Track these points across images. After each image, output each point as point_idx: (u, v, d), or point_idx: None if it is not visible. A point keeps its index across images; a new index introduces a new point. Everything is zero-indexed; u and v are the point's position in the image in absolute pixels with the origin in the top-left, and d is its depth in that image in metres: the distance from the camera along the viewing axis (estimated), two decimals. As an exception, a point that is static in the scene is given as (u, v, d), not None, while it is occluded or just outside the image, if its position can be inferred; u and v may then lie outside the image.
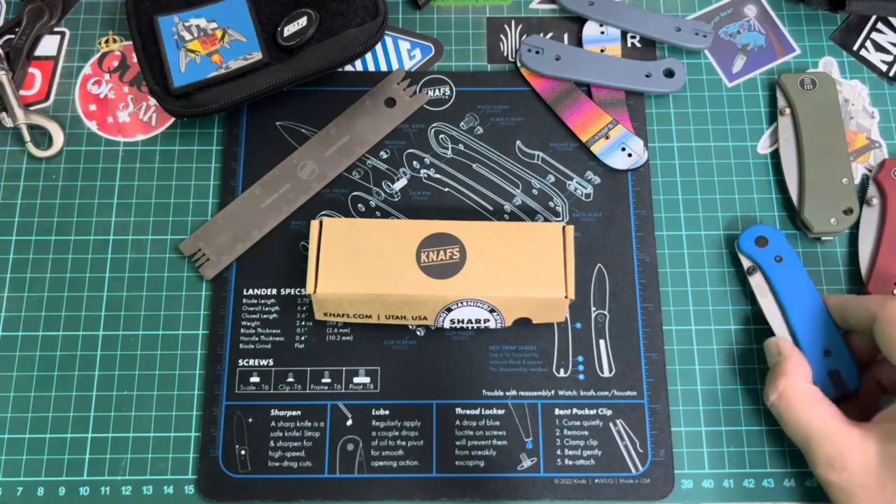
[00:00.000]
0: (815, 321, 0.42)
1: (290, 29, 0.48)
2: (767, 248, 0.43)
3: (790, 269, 0.43)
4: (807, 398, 0.40)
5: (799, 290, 0.43)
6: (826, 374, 0.42)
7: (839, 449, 0.38)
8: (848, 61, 0.53)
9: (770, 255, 0.43)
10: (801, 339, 0.42)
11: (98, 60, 0.53)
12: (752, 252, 0.44)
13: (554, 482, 0.43)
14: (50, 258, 0.48)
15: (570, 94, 0.51)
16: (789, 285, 0.43)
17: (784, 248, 0.44)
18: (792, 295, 0.43)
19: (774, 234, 0.44)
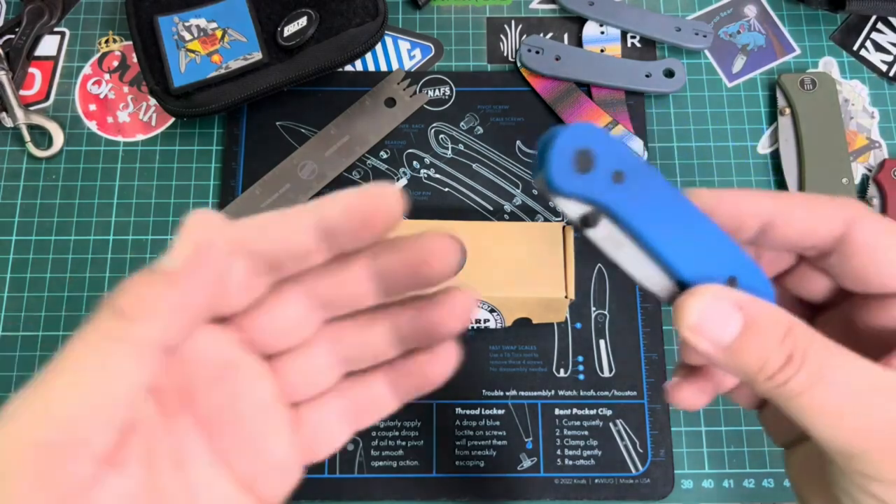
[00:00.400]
0: (705, 249, 0.24)
1: (290, 29, 0.48)
2: (597, 170, 0.22)
3: (640, 190, 0.23)
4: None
5: (666, 212, 0.24)
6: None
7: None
8: (848, 61, 0.53)
9: (604, 181, 0.23)
10: (692, 284, 0.24)
11: (98, 60, 0.53)
12: (575, 186, 0.22)
13: (554, 482, 0.43)
14: (50, 258, 0.48)
15: (570, 94, 0.51)
16: (648, 216, 0.23)
17: (621, 156, 0.23)
18: (657, 227, 0.23)
19: (600, 140, 0.22)
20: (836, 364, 0.22)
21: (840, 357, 0.22)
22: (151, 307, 0.19)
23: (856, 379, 0.22)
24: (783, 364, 0.22)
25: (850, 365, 0.22)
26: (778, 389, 0.22)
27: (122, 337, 0.19)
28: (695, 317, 0.22)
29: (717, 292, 0.22)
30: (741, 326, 0.22)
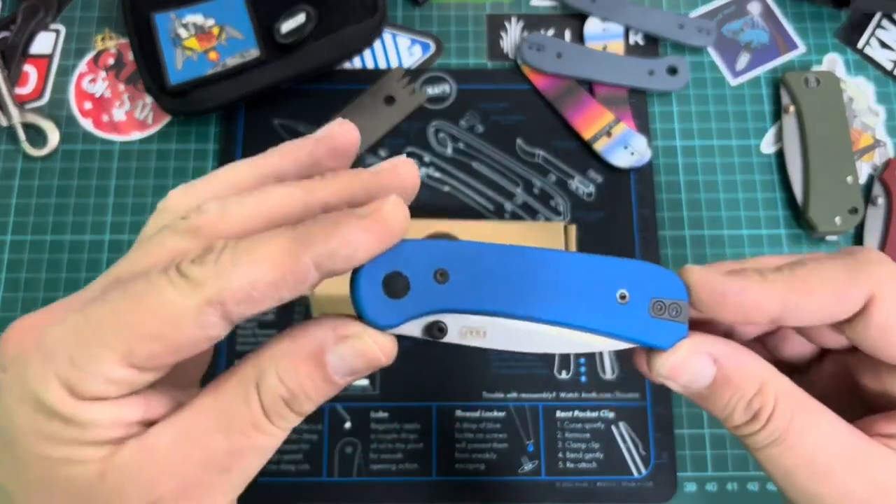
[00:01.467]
0: (568, 282, 0.22)
1: (287, 26, 0.48)
2: (413, 291, 0.21)
3: (469, 276, 0.21)
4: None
5: (508, 281, 0.22)
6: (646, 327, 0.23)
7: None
8: (852, 59, 0.52)
9: (427, 294, 0.21)
10: (577, 325, 0.22)
11: (94, 58, 0.53)
12: (401, 314, 0.21)
13: (555, 485, 0.43)
14: (45, 258, 0.48)
15: (571, 91, 0.51)
16: (492, 293, 0.21)
17: (432, 255, 0.21)
18: (510, 296, 0.22)
19: (406, 254, 0.21)
20: (802, 427, 0.22)
21: (810, 419, 0.22)
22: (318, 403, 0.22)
23: (820, 446, 0.22)
24: (747, 421, 0.22)
25: (818, 430, 0.22)
26: (740, 436, 0.23)
27: (294, 425, 0.21)
28: (667, 369, 0.23)
29: (694, 346, 0.22)
30: (712, 380, 0.23)
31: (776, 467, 0.23)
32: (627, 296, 0.22)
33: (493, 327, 0.22)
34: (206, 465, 0.20)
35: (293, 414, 0.21)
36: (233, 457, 0.20)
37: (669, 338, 0.23)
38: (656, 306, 0.22)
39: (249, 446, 0.20)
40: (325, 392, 0.21)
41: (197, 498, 0.20)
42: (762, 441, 0.22)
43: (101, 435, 0.20)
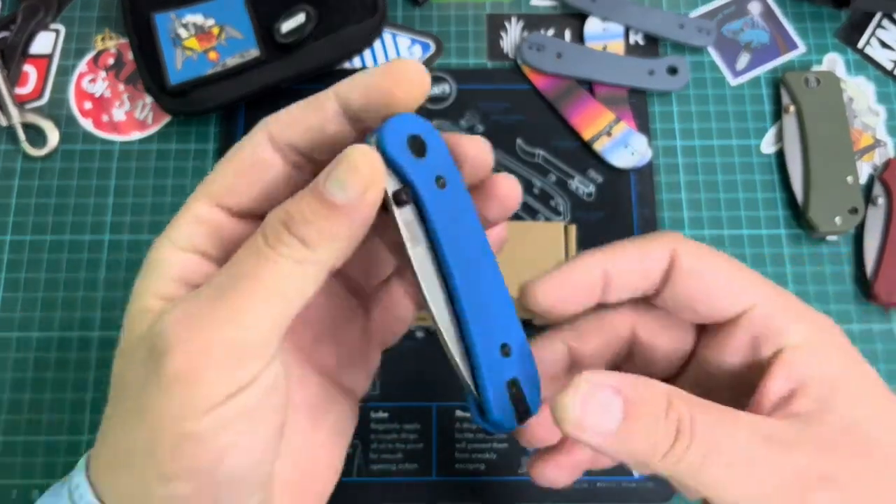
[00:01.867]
0: (489, 292, 0.24)
1: (287, 26, 0.48)
2: (426, 161, 0.23)
3: (455, 204, 0.24)
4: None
5: (467, 241, 0.24)
6: (504, 385, 0.24)
7: None
8: (853, 59, 0.52)
9: (429, 174, 0.23)
10: (470, 326, 0.24)
11: (94, 58, 0.53)
12: (404, 161, 0.23)
13: (555, 485, 0.43)
14: (45, 258, 0.48)
15: (571, 91, 0.51)
16: (454, 231, 0.24)
17: (447, 165, 0.24)
18: (458, 248, 0.24)
19: (434, 139, 0.24)
20: (724, 429, 0.21)
21: (723, 418, 0.22)
22: (330, 238, 0.22)
23: (747, 439, 0.21)
24: (673, 441, 0.21)
25: (734, 426, 0.22)
26: (675, 468, 0.21)
27: (303, 260, 0.21)
28: (577, 411, 0.21)
29: (594, 379, 0.21)
30: (622, 411, 0.21)
31: (718, 487, 0.21)
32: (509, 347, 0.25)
33: (423, 246, 0.24)
34: (207, 295, 0.21)
35: (293, 237, 0.21)
36: (232, 283, 0.21)
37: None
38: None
39: (249, 273, 0.21)
40: (325, 215, 0.21)
41: (191, 323, 0.21)
42: (696, 458, 0.21)
43: (168, 289, 0.22)
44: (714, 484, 0.21)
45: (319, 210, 0.21)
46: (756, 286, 0.24)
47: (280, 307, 0.21)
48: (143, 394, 0.21)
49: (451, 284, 0.24)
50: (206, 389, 0.20)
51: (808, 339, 0.23)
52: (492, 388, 0.23)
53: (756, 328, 0.23)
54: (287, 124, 0.24)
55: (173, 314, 0.21)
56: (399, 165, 0.23)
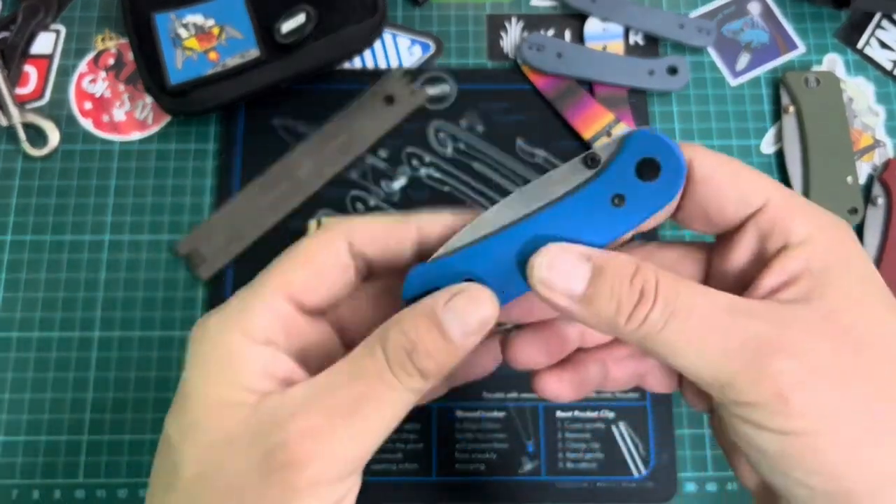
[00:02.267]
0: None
1: (287, 26, 0.48)
2: (651, 186, 0.24)
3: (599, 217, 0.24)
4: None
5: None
6: (425, 284, 0.26)
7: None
8: (852, 59, 0.52)
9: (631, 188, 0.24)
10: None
11: (94, 58, 0.53)
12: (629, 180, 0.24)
13: (555, 485, 0.43)
14: (45, 258, 0.48)
15: (571, 91, 0.51)
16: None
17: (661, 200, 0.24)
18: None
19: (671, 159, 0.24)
20: (688, 293, 0.22)
21: (691, 287, 0.22)
22: (444, 371, 0.23)
23: (710, 305, 0.22)
24: (637, 301, 0.22)
25: (703, 293, 0.22)
26: (639, 331, 0.22)
27: (419, 389, 0.23)
28: (544, 270, 0.23)
29: (563, 246, 0.23)
30: (590, 274, 0.23)
31: (681, 346, 0.22)
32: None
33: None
34: (331, 410, 0.22)
35: (415, 369, 0.23)
36: (357, 403, 0.22)
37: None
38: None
39: (373, 396, 0.23)
40: (444, 350, 0.23)
41: (320, 439, 0.22)
42: (658, 321, 0.22)
43: (255, 383, 0.23)
44: (674, 346, 0.22)
45: (440, 344, 0.23)
46: (766, 186, 0.24)
47: (389, 427, 0.23)
48: (258, 495, 0.22)
49: (507, 227, 0.25)
50: (317, 499, 0.22)
51: (813, 236, 0.23)
52: (420, 271, 0.25)
53: (763, 227, 0.24)
54: (370, 239, 0.26)
55: (298, 425, 0.22)
56: (616, 168, 0.24)
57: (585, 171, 0.24)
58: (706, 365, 0.22)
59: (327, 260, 0.25)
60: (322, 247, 0.25)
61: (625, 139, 0.23)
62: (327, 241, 0.25)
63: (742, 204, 0.24)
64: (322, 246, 0.25)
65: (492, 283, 0.24)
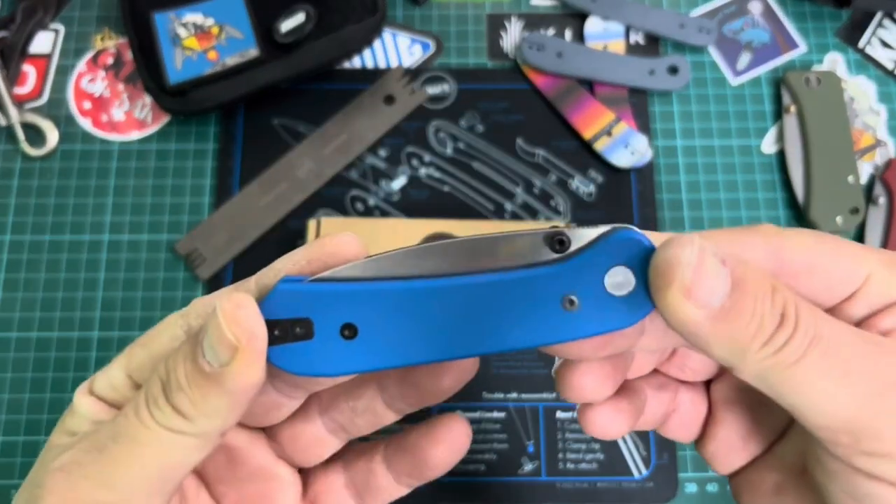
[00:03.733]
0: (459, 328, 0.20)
1: (287, 25, 0.48)
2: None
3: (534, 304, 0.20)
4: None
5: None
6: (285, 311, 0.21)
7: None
8: (853, 58, 0.52)
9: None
10: None
11: (93, 58, 0.52)
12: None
13: (556, 486, 0.43)
14: (44, 258, 0.48)
15: (572, 91, 0.51)
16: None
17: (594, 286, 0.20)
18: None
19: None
20: (826, 323, 0.19)
21: (828, 316, 0.19)
22: (206, 412, 0.20)
23: (851, 338, 0.19)
24: (777, 325, 0.18)
25: (837, 322, 0.19)
26: (771, 359, 0.18)
27: (180, 430, 0.20)
28: (690, 273, 0.18)
29: (699, 241, 0.18)
30: (730, 284, 0.18)
31: (818, 381, 0.18)
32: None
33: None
34: (86, 448, 0.21)
35: (168, 406, 0.20)
36: (111, 441, 0.20)
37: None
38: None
39: (126, 435, 0.20)
40: (201, 384, 0.20)
41: (69, 477, 0.20)
42: (797, 350, 0.18)
43: (79, 427, 0.22)
44: (810, 381, 0.18)
45: (193, 376, 0.20)
46: (867, 255, 0.21)
47: (154, 473, 0.20)
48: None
49: (431, 277, 0.20)
50: None
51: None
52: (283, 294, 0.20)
53: (872, 297, 0.21)
54: (205, 316, 0.22)
55: (59, 460, 0.21)
56: (584, 273, 0.19)
57: (546, 251, 0.19)
58: (842, 406, 0.18)
59: (162, 344, 0.22)
60: (162, 329, 0.22)
61: (607, 236, 0.19)
62: (167, 325, 0.22)
63: (850, 281, 0.21)
64: (163, 329, 0.22)
65: (379, 342, 0.20)
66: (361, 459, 0.26)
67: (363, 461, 0.26)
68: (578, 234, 0.19)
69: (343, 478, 0.26)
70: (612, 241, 0.19)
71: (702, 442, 0.25)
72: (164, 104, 0.48)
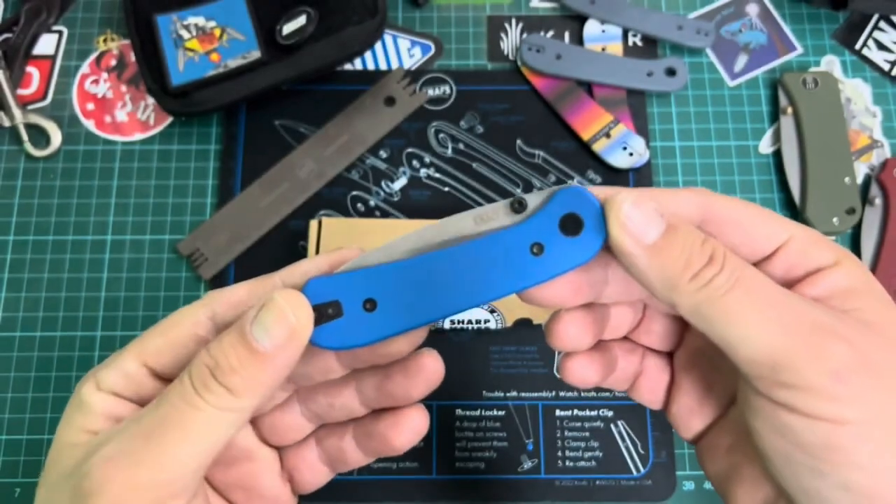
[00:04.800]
0: (456, 284, 0.25)
1: (288, 27, 0.48)
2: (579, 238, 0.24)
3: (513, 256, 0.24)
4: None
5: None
6: (318, 298, 0.25)
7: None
8: (850, 60, 0.53)
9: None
10: None
11: (96, 59, 0.53)
12: (554, 237, 0.24)
13: (555, 484, 0.43)
14: (48, 258, 0.48)
15: (571, 92, 0.51)
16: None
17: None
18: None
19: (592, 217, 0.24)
20: (751, 270, 0.22)
21: (750, 265, 0.23)
22: (255, 387, 0.23)
23: (772, 284, 0.22)
24: (706, 264, 0.22)
25: (762, 274, 0.22)
26: (701, 292, 0.22)
27: (228, 408, 0.22)
28: (624, 210, 0.22)
29: (642, 196, 0.23)
30: (664, 228, 0.22)
31: (742, 313, 0.21)
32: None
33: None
34: (132, 437, 0.22)
35: (220, 386, 0.22)
36: (159, 427, 0.22)
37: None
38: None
39: (175, 419, 0.22)
40: (252, 364, 0.22)
41: (119, 464, 0.22)
42: (722, 285, 0.21)
43: (96, 425, 0.23)
44: (734, 313, 0.21)
45: (245, 357, 0.22)
46: (789, 223, 0.24)
47: (203, 451, 0.22)
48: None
49: (429, 254, 0.25)
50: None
51: (840, 261, 0.24)
52: (319, 285, 0.24)
53: (791, 257, 0.24)
54: (232, 306, 0.25)
55: (101, 453, 0.22)
56: (535, 222, 0.24)
57: (512, 215, 0.24)
58: (763, 338, 0.21)
59: (183, 331, 0.25)
60: (182, 318, 0.25)
61: (555, 192, 0.24)
62: (189, 314, 0.25)
63: (770, 238, 0.24)
64: (182, 317, 0.25)
65: (394, 308, 0.24)
66: (332, 437, 0.28)
67: (334, 439, 0.28)
68: (534, 197, 0.24)
69: (316, 452, 0.29)
70: (561, 195, 0.24)
71: (667, 407, 0.29)
72: (166, 106, 0.48)
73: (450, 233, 0.24)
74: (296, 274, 0.25)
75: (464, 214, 0.24)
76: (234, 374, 0.22)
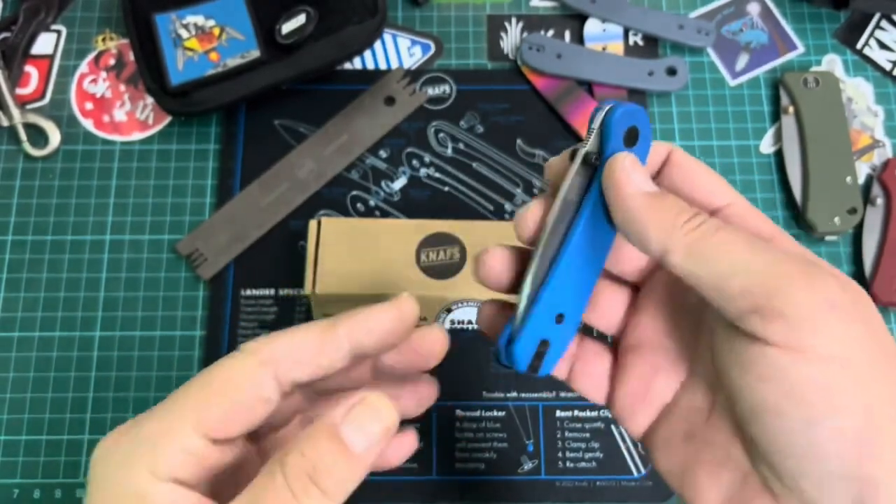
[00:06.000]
0: (579, 272, 0.26)
1: (288, 27, 0.48)
2: (633, 150, 0.25)
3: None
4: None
5: (600, 230, 0.26)
6: (537, 340, 0.26)
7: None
8: (852, 59, 0.53)
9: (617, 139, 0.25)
10: (550, 283, 0.26)
11: (95, 59, 0.53)
12: (616, 146, 0.25)
13: (555, 485, 0.43)
14: (46, 258, 0.48)
15: (571, 92, 0.51)
16: (598, 216, 0.26)
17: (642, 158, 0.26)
18: (590, 228, 0.26)
19: (646, 132, 0.26)
20: (738, 218, 0.25)
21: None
22: (349, 486, 0.23)
23: (749, 236, 0.23)
24: (694, 214, 0.23)
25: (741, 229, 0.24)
26: (694, 232, 0.23)
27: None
28: (627, 164, 0.24)
29: (634, 160, 0.25)
30: (655, 188, 0.24)
31: (732, 247, 0.22)
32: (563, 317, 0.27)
33: (562, 209, 0.26)
34: None
35: (317, 491, 0.22)
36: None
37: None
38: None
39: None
40: (347, 466, 0.22)
41: None
42: (714, 225, 0.23)
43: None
44: (728, 246, 0.22)
45: (340, 460, 0.22)
46: (734, 191, 0.26)
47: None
48: None
49: (561, 248, 0.26)
50: None
51: (775, 237, 0.25)
52: (528, 334, 0.26)
53: (732, 221, 0.25)
54: (297, 364, 0.25)
55: None
56: (610, 148, 0.25)
57: (589, 170, 0.25)
58: (759, 264, 0.22)
59: (247, 394, 0.24)
60: (243, 379, 0.24)
61: (605, 123, 0.25)
62: (250, 373, 0.24)
63: (714, 195, 0.25)
64: (243, 378, 0.24)
65: (573, 308, 0.26)
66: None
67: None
68: (588, 143, 0.25)
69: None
70: (612, 123, 0.25)
71: (611, 399, 0.28)
72: (165, 105, 0.48)
73: (562, 217, 0.26)
74: (359, 330, 0.25)
75: (559, 203, 0.25)
76: (331, 477, 0.22)
